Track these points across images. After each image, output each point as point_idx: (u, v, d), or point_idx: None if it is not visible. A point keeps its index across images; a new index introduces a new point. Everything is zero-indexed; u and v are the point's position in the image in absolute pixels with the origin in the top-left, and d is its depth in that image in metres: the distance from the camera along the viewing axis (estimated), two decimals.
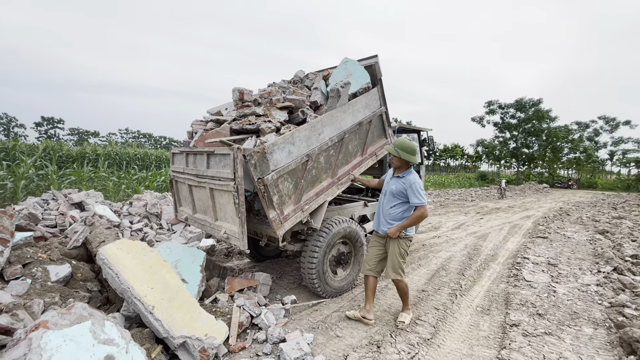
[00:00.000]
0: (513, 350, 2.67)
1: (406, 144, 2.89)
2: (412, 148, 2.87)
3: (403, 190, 2.86)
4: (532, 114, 31.11)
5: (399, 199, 2.91)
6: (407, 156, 2.84)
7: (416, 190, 2.79)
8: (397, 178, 2.95)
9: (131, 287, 2.40)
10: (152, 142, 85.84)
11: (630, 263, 4.99)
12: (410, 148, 2.87)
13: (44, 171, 8.77)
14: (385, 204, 3.03)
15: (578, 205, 14.63)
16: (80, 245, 3.53)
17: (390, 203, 2.98)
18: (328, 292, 3.58)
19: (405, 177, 2.88)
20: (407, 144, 2.88)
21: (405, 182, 2.85)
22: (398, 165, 2.95)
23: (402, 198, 2.90)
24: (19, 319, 2.09)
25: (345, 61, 4.04)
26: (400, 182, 2.90)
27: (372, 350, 2.65)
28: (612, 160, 37.67)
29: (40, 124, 70.32)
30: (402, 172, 2.95)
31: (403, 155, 2.84)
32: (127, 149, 15.51)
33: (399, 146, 2.88)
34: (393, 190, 2.94)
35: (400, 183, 2.89)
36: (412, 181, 2.82)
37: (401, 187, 2.88)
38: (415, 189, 2.79)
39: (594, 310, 3.45)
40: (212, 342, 2.38)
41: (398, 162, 2.93)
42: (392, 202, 2.96)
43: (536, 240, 6.79)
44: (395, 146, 2.91)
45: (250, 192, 3.13)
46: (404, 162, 2.91)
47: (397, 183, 2.92)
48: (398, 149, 2.87)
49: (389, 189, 3.00)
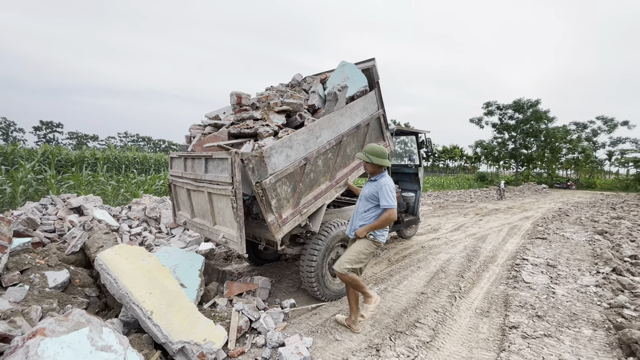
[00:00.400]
0: (512, 352, 2.67)
1: (376, 148, 2.94)
2: (382, 151, 2.93)
3: (375, 194, 2.88)
4: (530, 115, 31.23)
5: (371, 202, 2.93)
6: (378, 160, 2.89)
7: (386, 192, 2.81)
8: (370, 182, 3.00)
9: (129, 292, 2.40)
10: (151, 145, 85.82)
11: (629, 263, 4.99)
12: (380, 152, 2.92)
13: (43, 176, 8.76)
14: (359, 208, 3.06)
15: (577, 205, 14.65)
16: (79, 250, 3.52)
17: (364, 207, 3.00)
18: (327, 295, 3.57)
19: (377, 181, 2.91)
20: (377, 149, 2.94)
21: (377, 185, 2.88)
22: (371, 170, 2.99)
23: (375, 201, 2.91)
24: (17, 326, 2.09)
25: (342, 64, 4.06)
26: (373, 186, 2.93)
27: (372, 353, 2.65)
28: (610, 160, 37.78)
29: (39, 128, 70.30)
30: (375, 176, 2.99)
31: (375, 160, 2.89)
32: (126, 152, 15.50)
33: (369, 152, 2.94)
34: (366, 194, 2.97)
35: (373, 186, 2.92)
36: (383, 184, 2.85)
37: (373, 190, 2.90)
38: (385, 191, 2.81)
39: (593, 311, 3.45)
40: (210, 347, 2.37)
41: (371, 167, 2.97)
42: (365, 207, 2.98)
43: (535, 241, 6.80)
44: (365, 152, 2.96)
45: (249, 196, 3.13)
46: (376, 166, 2.95)
47: (370, 187, 2.95)
48: (369, 155, 2.92)
49: (363, 194, 3.04)
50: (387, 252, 5.78)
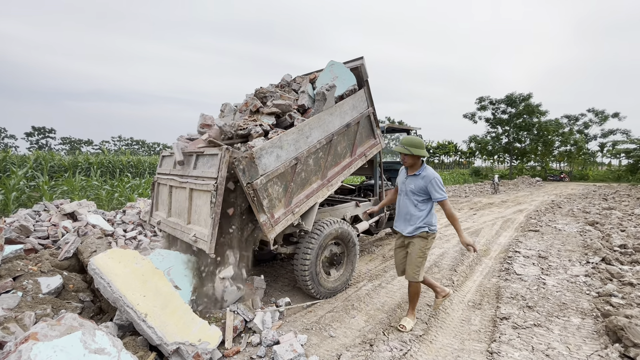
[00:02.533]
0: (503, 342, 2.72)
1: (414, 140, 2.86)
2: (420, 142, 2.86)
3: (424, 187, 2.83)
4: (522, 109, 31.44)
5: (420, 196, 2.87)
6: (418, 151, 2.81)
7: (437, 185, 2.78)
8: (414, 176, 2.90)
9: (123, 295, 2.41)
10: (146, 148, 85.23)
11: (618, 253, 5.09)
12: (418, 142, 2.85)
13: (36, 182, 8.70)
14: (407, 204, 2.96)
15: (570, 197, 14.83)
16: (72, 256, 3.53)
17: (412, 203, 2.92)
18: (322, 293, 3.61)
19: (423, 174, 2.85)
20: (415, 140, 2.86)
21: (425, 178, 2.82)
22: (411, 163, 2.90)
23: (424, 195, 2.86)
24: (10, 332, 2.10)
25: (331, 64, 4.09)
26: (419, 180, 2.85)
27: (365, 348, 2.69)
28: (602, 151, 38.20)
29: (31, 134, 69.52)
30: (416, 169, 2.90)
31: (415, 151, 2.80)
32: (120, 156, 15.40)
33: (407, 144, 2.84)
34: (413, 189, 2.89)
35: (419, 180, 2.85)
36: (432, 176, 2.80)
37: (421, 184, 2.84)
38: (436, 184, 2.78)
39: (582, 300, 3.53)
40: (205, 347, 2.40)
41: (411, 159, 2.88)
42: (414, 202, 2.91)
43: (528, 233, 6.89)
44: (404, 145, 2.85)
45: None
46: (416, 158, 2.87)
47: (416, 181, 2.88)
48: (408, 147, 2.83)
49: (407, 189, 2.94)
50: (382, 248, 5.83)
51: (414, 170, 2.92)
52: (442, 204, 2.81)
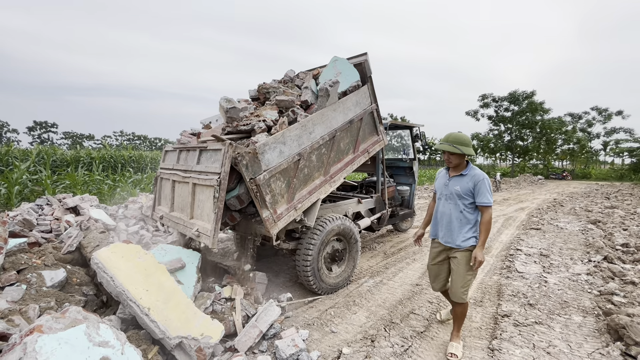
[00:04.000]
0: (504, 340, 2.73)
1: (461, 137, 2.46)
2: (468, 139, 2.47)
3: (472, 189, 2.43)
4: (525, 107, 31.31)
5: (467, 199, 2.46)
6: (467, 149, 2.42)
7: (486, 188, 2.39)
8: (459, 177, 2.50)
9: (126, 290, 2.43)
10: (147, 143, 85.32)
11: (620, 252, 5.08)
12: (466, 140, 2.46)
13: (38, 176, 8.72)
14: (451, 210, 2.54)
15: (572, 196, 14.79)
16: (75, 249, 3.54)
17: (457, 208, 2.50)
18: (323, 288, 3.63)
19: (471, 174, 2.46)
20: (462, 137, 2.46)
21: (475, 178, 2.43)
22: (457, 163, 2.49)
23: (471, 198, 2.46)
24: (15, 325, 2.11)
25: (334, 60, 4.07)
26: (467, 181, 2.46)
27: (367, 344, 2.70)
28: (605, 150, 38.04)
29: (33, 128, 69.66)
30: (462, 169, 2.51)
31: (465, 149, 2.41)
32: (122, 151, 15.43)
33: (455, 141, 2.44)
34: (459, 191, 2.47)
35: (467, 181, 2.45)
36: (481, 177, 2.41)
37: (468, 185, 2.44)
38: (486, 187, 2.39)
39: (583, 299, 3.53)
40: (208, 342, 2.41)
41: (457, 159, 2.48)
42: (460, 207, 2.49)
43: (529, 231, 6.88)
44: (450, 142, 2.44)
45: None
46: (462, 157, 2.47)
47: (462, 182, 2.48)
48: (456, 145, 2.42)
49: (452, 191, 2.52)
50: (383, 245, 5.84)
51: (459, 170, 2.52)
52: (485, 210, 2.41)
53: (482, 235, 2.39)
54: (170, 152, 3.96)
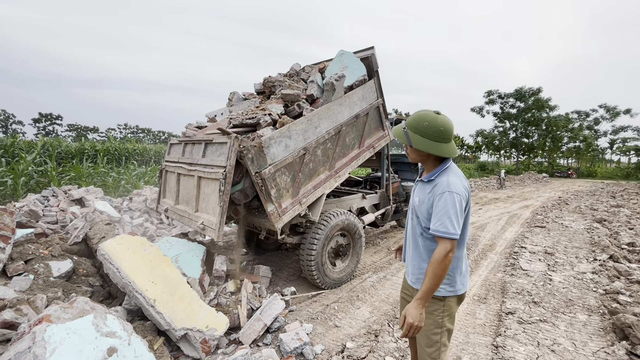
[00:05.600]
0: (508, 337, 2.73)
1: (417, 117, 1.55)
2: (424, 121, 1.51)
3: (429, 206, 1.54)
4: (531, 103, 30.95)
5: (425, 219, 1.57)
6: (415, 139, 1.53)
7: (447, 208, 1.45)
8: (424, 183, 1.62)
9: (132, 281, 2.44)
10: (151, 137, 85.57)
11: (626, 251, 5.04)
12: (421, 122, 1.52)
13: (44, 168, 8.78)
14: (410, 230, 1.73)
15: (577, 194, 14.67)
16: (81, 241, 3.57)
17: (416, 229, 1.65)
18: (327, 283, 3.63)
19: (436, 181, 1.54)
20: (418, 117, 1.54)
21: (435, 190, 1.52)
22: (415, 159, 1.63)
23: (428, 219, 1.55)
24: (23, 314, 2.14)
25: (341, 53, 4.03)
26: (428, 190, 1.57)
27: (370, 339, 2.71)
28: (612, 148, 37.62)
29: (38, 120, 70.02)
30: (431, 170, 1.61)
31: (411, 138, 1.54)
32: (126, 144, 15.48)
33: (407, 124, 1.57)
34: (416, 204, 1.64)
35: (428, 191, 1.56)
36: (444, 189, 1.48)
37: (429, 197, 1.55)
38: (447, 206, 1.45)
39: (588, 297, 3.51)
40: (212, 334, 2.43)
41: (412, 154, 1.62)
42: (417, 228, 1.64)
43: (534, 229, 6.84)
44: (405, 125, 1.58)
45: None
46: (422, 154, 1.58)
47: (424, 191, 1.60)
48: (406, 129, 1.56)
49: (412, 203, 1.71)
50: (387, 240, 5.83)
51: (428, 171, 1.64)
52: (440, 242, 1.46)
53: (425, 280, 1.44)
54: (175, 145, 3.96)
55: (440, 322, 1.60)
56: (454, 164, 1.61)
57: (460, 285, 1.61)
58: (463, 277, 1.63)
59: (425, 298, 1.44)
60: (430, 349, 1.61)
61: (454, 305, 1.62)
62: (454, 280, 1.60)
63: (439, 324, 1.60)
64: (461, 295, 1.64)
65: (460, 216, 1.46)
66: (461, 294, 1.63)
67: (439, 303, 1.60)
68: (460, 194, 1.47)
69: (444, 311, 1.60)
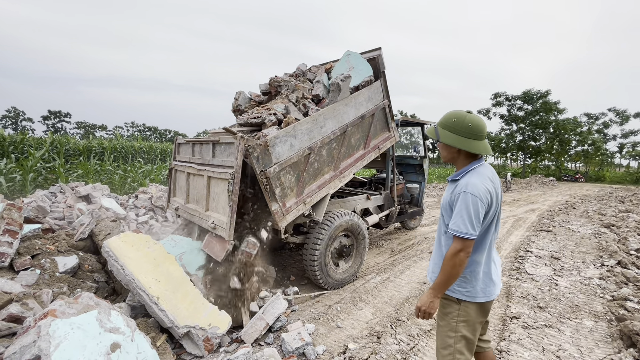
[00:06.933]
0: (512, 342, 2.69)
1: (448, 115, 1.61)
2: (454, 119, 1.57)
3: (452, 204, 1.58)
4: (539, 106, 30.65)
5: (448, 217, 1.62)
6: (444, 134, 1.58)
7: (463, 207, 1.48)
8: (450, 182, 1.67)
9: (136, 278, 2.46)
10: (157, 135, 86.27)
11: (634, 257, 4.95)
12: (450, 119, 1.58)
13: (52, 164, 8.90)
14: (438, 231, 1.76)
15: (585, 198, 14.48)
16: (87, 237, 3.61)
17: (441, 227, 1.71)
18: (330, 283, 3.63)
19: (459, 180, 1.58)
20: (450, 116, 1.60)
21: (456, 189, 1.56)
22: (447, 157, 1.68)
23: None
24: (29, 308, 2.17)
25: (347, 54, 4.02)
26: (451, 189, 1.62)
27: (373, 341, 2.69)
28: (621, 152, 37.08)
29: (47, 118, 71.04)
30: (459, 168, 1.66)
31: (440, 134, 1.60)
32: (133, 142, 15.64)
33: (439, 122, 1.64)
34: (443, 202, 1.67)
35: (451, 190, 1.62)
36: (463, 189, 1.51)
37: (449, 196, 1.61)
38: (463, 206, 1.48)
39: (595, 303, 3.45)
40: (215, 332, 2.44)
41: (444, 151, 1.66)
42: (442, 226, 1.69)
43: (540, 233, 6.76)
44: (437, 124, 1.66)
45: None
46: (452, 150, 1.62)
47: (448, 190, 1.66)
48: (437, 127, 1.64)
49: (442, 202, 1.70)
50: (390, 242, 5.81)
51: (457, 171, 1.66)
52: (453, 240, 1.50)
53: (439, 274, 1.52)
54: (183, 145, 3.99)
55: (454, 326, 1.60)
56: (487, 166, 1.61)
57: (481, 293, 1.58)
58: (483, 284, 1.59)
59: (436, 289, 1.52)
60: (445, 351, 1.62)
61: (472, 313, 1.59)
62: (471, 285, 1.58)
63: (454, 327, 1.60)
64: (482, 303, 1.59)
65: (475, 218, 1.46)
66: (481, 302, 1.58)
67: (454, 306, 1.61)
68: (477, 195, 1.47)
69: (459, 315, 1.59)
